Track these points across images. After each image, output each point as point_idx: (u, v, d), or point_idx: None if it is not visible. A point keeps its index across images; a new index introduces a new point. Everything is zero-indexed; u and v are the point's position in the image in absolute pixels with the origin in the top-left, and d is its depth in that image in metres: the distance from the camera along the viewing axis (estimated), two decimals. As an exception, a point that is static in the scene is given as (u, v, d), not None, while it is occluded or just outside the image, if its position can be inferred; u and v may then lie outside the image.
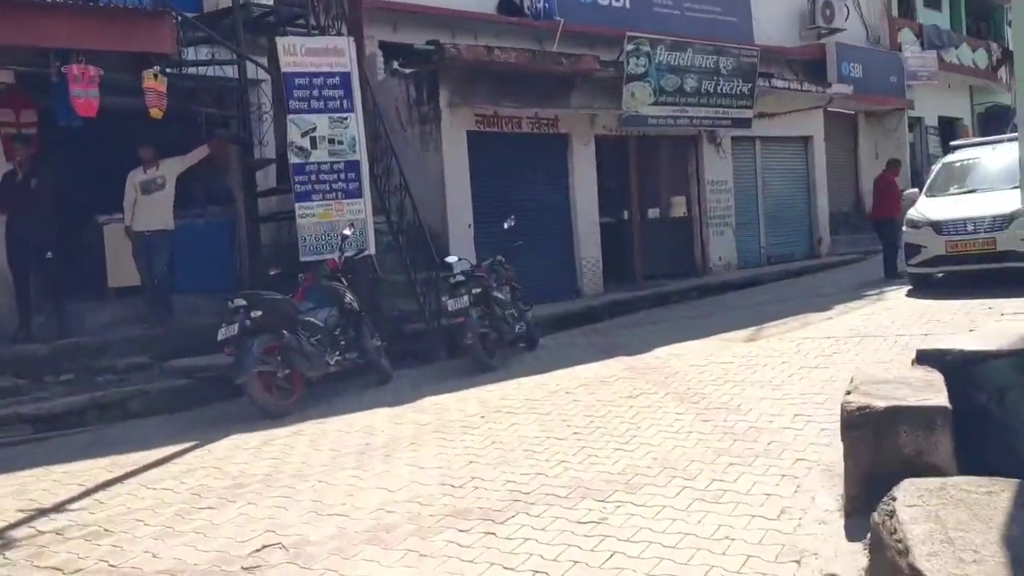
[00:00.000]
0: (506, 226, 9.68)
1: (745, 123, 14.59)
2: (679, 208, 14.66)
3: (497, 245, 10.17)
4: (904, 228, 11.11)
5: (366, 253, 8.46)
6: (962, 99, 23.99)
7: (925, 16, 22.09)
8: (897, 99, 19.29)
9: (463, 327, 8.09)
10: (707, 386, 6.64)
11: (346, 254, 7.94)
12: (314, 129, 8.13)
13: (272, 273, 7.66)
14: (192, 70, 8.44)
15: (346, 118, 8.25)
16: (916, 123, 21.67)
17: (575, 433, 5.61)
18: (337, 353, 7.41)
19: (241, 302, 6.70)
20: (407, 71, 11.59)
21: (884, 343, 7.83)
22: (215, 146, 8.24)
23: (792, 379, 6.59)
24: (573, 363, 8.32)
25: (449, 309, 8.25)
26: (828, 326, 9.13)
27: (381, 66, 12.14)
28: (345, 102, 8.25)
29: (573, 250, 12.71)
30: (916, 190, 12.07)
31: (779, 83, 15.32)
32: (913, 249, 10.86)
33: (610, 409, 6.18)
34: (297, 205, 8.18)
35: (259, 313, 6.68)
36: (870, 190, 19.67)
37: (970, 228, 10.30)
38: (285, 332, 6.83)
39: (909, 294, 10.83)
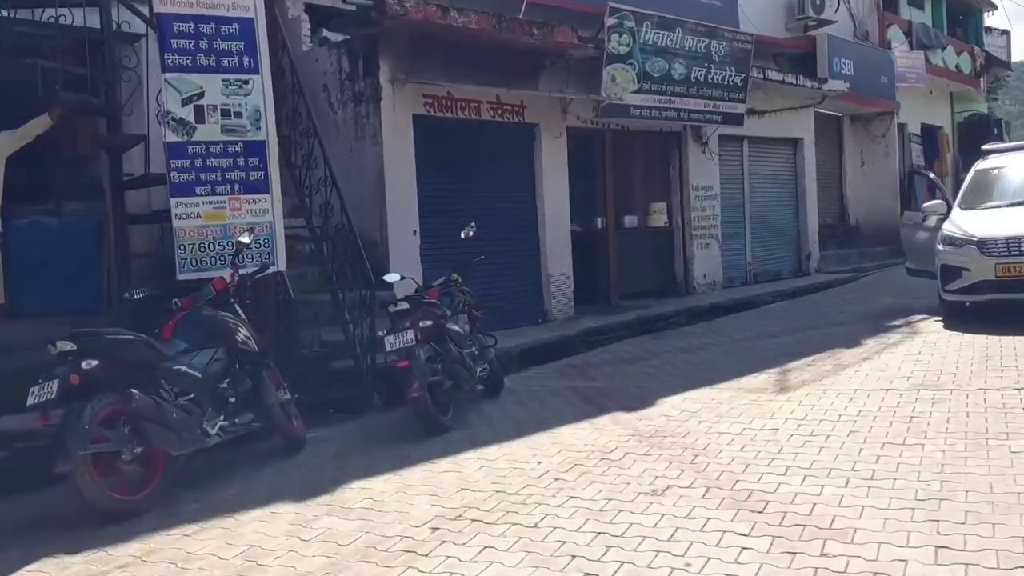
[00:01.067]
0: (464, 235, 7.58)
1: (736, 119, 12.74)
2: (659, 216, 12.72)
3: (451, 259, 8.06)
4: (940, 247, 9.33)
5: (272, 270, 6.26)
6: (943, 106, 22.71)
7: (907, 15, 20.69)
8: (887, 102, 17.75)
9: (407, 374, 5.93)
10: (760, 474, 4.64)
11: (243, 271, 5.73)
12: (200, 95, 5.89)
13: (133, 297, 5.40)
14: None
15: (247, 81, 6.03)
16: (899, 130, 20.19)
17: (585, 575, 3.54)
18: (222, 416, 5.19)
19: (68, 346, 4.45)
20: (339, 38, 9.39)
21: (967, 400, 5.97)
22: (58, 115, 5.92)
23: (883, 465, 4.63)
24: (554, 422, 6.27)
25: (388, 348, 6.09)
26: (873, 370, 7.26)
27: (307, 33, 9.91)
28: (247, 60, 6.03)
29: (540, 265, 10.65)
30: (939, 202, 10.31)
31: (773, 75, 13.53)
32: (952, 272, 9.10)
33: (629, 516, 4.13)
34: (173, 201, 5.93)
35: (95, 363, 4.45)
36: (856, 199, 18.43)
37: (1025, 248, 8.55)
38: (136, 391, 4.59)
39: (948, 325, 9.05)
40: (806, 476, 4.55)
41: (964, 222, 9.30)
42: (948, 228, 9.38)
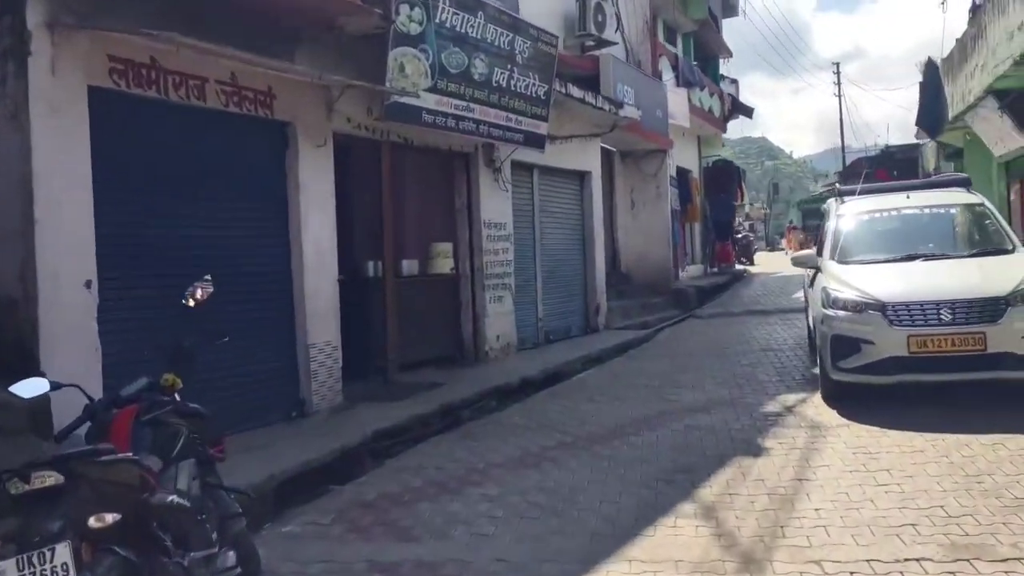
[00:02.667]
0: (189, 299, 4.18)
1: (538, 141, 10.34)
2: (444, 261, 9.86)
3: (160, 339, 4.58)
4: (826, 311, 7.42)
5: None
6: (691, 149, 22.35)
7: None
8: (663, 138, 16.50)
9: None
10: None
11: None
12: None
13: None
14: None
15: None
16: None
17: None
18: None
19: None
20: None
21: None
22: None
23: None
24: None
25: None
26: (836, 509, 4.90)
27: None
28: None
29: (295, 331, 7.29)
30: (810, 252, 8.53)
31: (575, 91, 11.32)
32: (846, 345, 7.20)
33: None
34: None
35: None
36: (627, 245, 16.92)
37: (945, 317, 6.81)
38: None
39: (847, 413, 7.12)
40: None
41: (854, 279, 7.49)
42: (834, 287, 7.51)
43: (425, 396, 7.94)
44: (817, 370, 9.10)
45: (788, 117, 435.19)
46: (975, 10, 13.05)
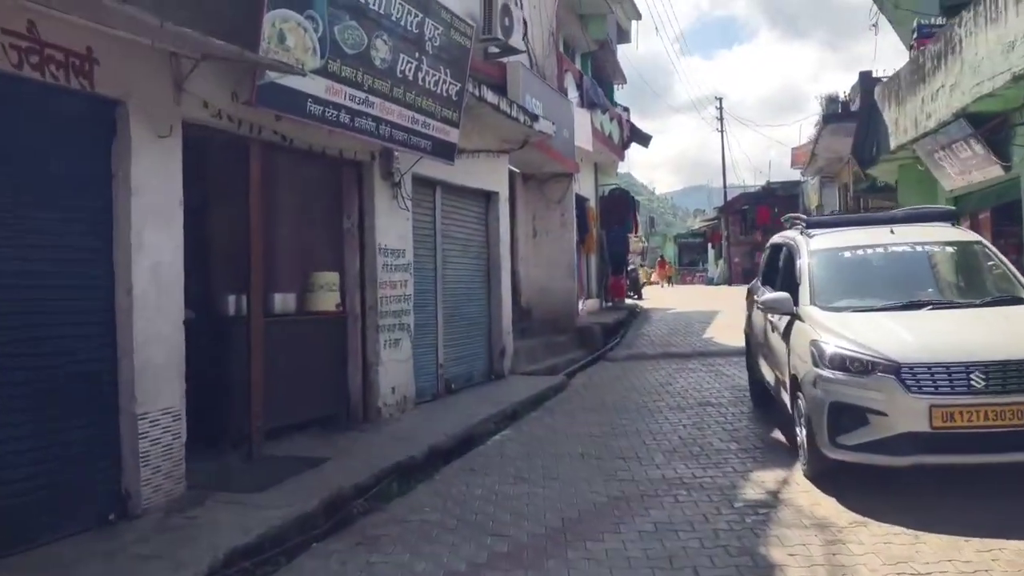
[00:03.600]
0: None
1: (447, 152, 8.60)
2: (328, 296, 7.88)
3: None
4: (821, 371, 5.96)
5: None
6: (589, 176, 21.08)
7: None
8: (570, 160, 15.05)
9: None
10: None
11: None
12: None
13: None
14: None
15: None
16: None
17: None
18: None
19: None
20: None
21: None
22: None
23: None
24: None
25: None
26: None
27: None
28: None
29: (117, 395, 5.18)
30: (784, 295, 7.07)
31: (490, 96, 9.63)
32: (851, 416, 5.75)
33: None
34: None
35: None
36: (528, 277, 15.29)
37: (977, 383, 5.46)
38: None
39: (854, 505, 5.65)
40: None
41: (851, 331, 6.07)
42: (827, 340, 6.05)
43: (303, 481, 5.94)
44: (778, 435, 7.75)
45: (647, 156, 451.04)
46: (928, 33, 12.24)
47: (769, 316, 7.51)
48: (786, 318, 6.97)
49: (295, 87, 6.04)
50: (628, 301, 24.40)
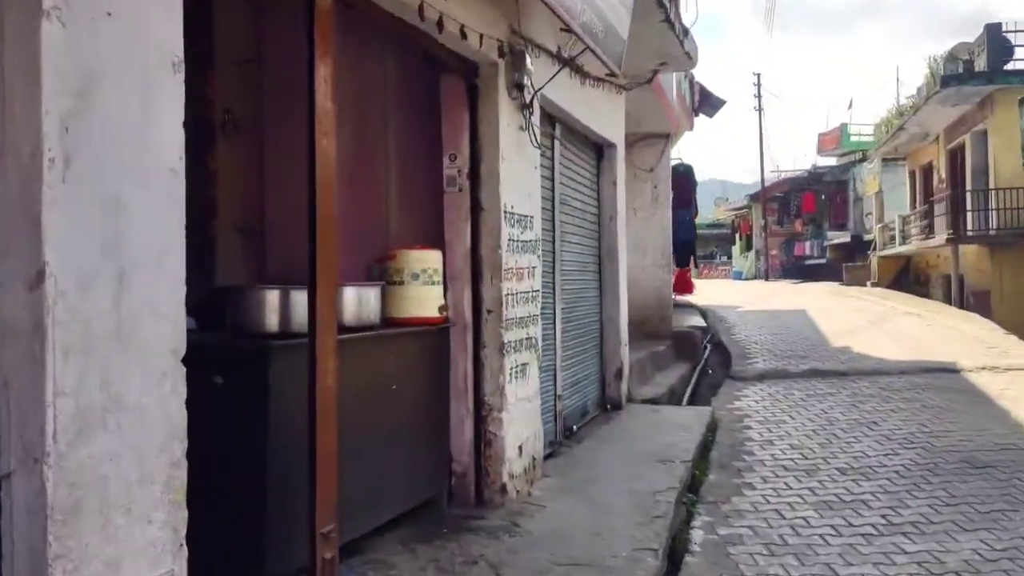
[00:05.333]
0: None
1: (615, 49, 5.30)
2: (424, 293, 4.51)
3: None
4: None
5: None
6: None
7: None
8: (672, 113, 11.78)
9: None
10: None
11: None
12: None
13: None
14: None
15: None
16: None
17: None
18: None
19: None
20: None
21: None
22: None
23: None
24: None
25: None
26: None
27: None
28: None
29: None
30: None
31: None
32: None
33: None
34: None
35: None
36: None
37: None
38: None
39: None
40: None
41: None
42: None
43: None
44: None
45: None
46: None
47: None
48: None
49: None
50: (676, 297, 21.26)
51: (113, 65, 2.07)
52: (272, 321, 3.40)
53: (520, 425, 5.16)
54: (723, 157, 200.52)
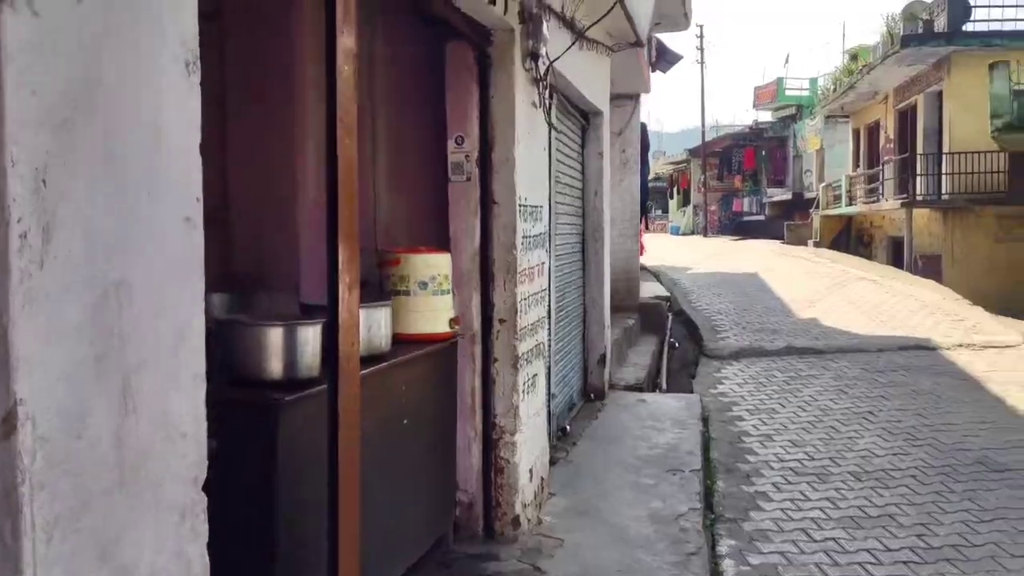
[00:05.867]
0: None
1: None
2: (432, 304, 3.87)
3: None
4: None
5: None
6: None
7: None
8: (646, 72, 11.17)
9: None
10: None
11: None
12: None
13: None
14: None
15: None
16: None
17: None
18: None
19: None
20: None
21: None
22: None
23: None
24: None
25: None
26: None
27: None
28: None
29: None
30: None
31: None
32: None
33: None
34: None
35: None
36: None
37: None
38: None
39: None
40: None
41: None
42: None
43: None
44: None
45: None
46: None
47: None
48: None
49: None
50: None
51: (111, 71, 1.37)
52: (276, 367, 2.72)
53: (531, 445, 4.59)
54: (658, 109, 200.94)
